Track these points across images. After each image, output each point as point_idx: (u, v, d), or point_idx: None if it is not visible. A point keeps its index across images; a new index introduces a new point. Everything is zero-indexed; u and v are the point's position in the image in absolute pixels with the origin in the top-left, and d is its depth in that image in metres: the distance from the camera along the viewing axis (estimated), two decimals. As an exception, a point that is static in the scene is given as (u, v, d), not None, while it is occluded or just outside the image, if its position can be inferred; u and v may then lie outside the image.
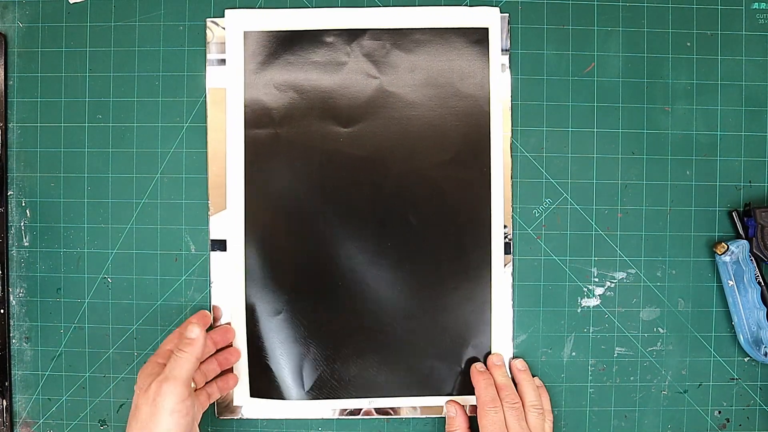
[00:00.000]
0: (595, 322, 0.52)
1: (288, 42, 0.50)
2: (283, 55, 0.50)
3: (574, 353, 0.52)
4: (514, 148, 0.52)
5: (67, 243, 0.52)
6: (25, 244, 0.52)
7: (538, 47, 0.52)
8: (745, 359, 0.52)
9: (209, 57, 0.51)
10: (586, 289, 0.52)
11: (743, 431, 0.52)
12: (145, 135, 0.51)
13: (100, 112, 0.52)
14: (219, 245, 0.51)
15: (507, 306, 0.51)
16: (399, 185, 0.50)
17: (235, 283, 0.50)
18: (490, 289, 0.51)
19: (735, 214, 0.51)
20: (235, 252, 0.50)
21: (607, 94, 0.52)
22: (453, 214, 0.50)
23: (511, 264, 0.52)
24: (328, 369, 0.50)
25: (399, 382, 0.51)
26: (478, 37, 0.50)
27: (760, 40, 0.52)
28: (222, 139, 0.51)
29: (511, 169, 0.52)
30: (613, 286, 0.52)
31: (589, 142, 0.52)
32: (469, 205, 0.50)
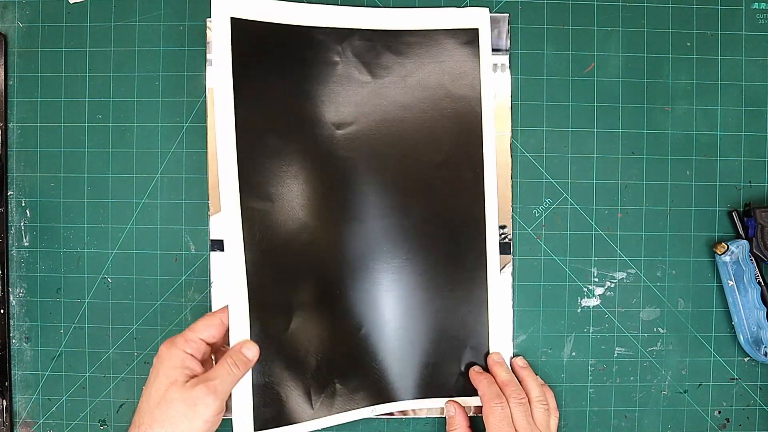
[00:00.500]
0: (595, 322, 0.52)
1: (277, 36, 0.48)
2: (272, 50, 0.48)
3: (574, 353, 0.52)
4: (514, 148, 0.52)
5: (67, 243, 0.52)
6: (25, 244, 0.52)
7: (538, 47, 0.52)
8: (745, 359, 0.52)
9: (209, 57, 0.51)
10: (586, 289, 0.52)
11: (743, 431, 0.52)
12: (145, 135, 0.51)
13: (100, 112, 0.52)
14: (219, 245, 0.51)
15: (507, 306, 0.51)
16: (393, 188, 0.49)
17: (238, 307, 0.45)
18: (486, 291, 0.50)
19: (735, 214, 0.51)
20: (235, 271, 0.46)
21: (607, 94, 0.52)
22: (447, 216, 0.50)
23: (510, 264, 0.52)
24: (334, 383, 0.48)
25: (400, 386, 0.49)
26: (469, 38, 0.50)
27: (760, 40, 0.52)
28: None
29: (511, 169, 0.51)
30: (613, 286, 0.52)
31: (589, 142, 0.52)
32: (463, 206, 0.50)
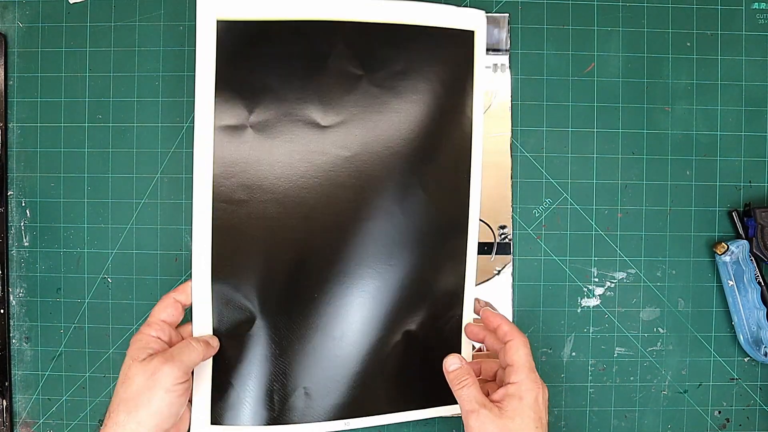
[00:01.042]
0: (595, 322, 0.52)
1: (265, 32, 0.46)
2: (260, 46, 0.46)
3: (574, 353, 0.52)
4: (514, 148, 0.52)
5: (67, 243, 0.52)
6: (25, 244, 0.52)
7: (538, 47, 0.52)
8: (745, 359, 0.52)
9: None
10: (586, 289, 0.52)
11: (743, 431, 0.52)
12: (145, 135, 0.51)
13: (100, 112, 0.52)
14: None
15: (507, 306, 0.51)
16: (379, 188, 0.47)
17: (201, 294, 0.45)
18: (462, 303, 0.48)
19: (735, 214, 0.51)
20: (200, 259, 0.45)
21: (607, 94, 0.52)
22: (432, 220, 0.48)
23: (510, 264, 0.52)
24: (302, 389, 0.46)
25: (376, 396, 0.47)
26: (464, 39, 0.48)
27: (760, 40, 0.52)
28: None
29: (511, 169, 0.52)
30: (613, 286, 0.52)
31: (589, 142, 0.52)
32: (448, 212, 0.48)
